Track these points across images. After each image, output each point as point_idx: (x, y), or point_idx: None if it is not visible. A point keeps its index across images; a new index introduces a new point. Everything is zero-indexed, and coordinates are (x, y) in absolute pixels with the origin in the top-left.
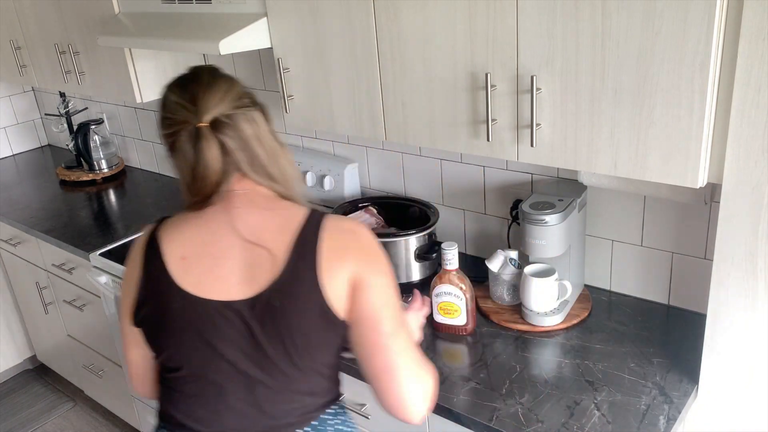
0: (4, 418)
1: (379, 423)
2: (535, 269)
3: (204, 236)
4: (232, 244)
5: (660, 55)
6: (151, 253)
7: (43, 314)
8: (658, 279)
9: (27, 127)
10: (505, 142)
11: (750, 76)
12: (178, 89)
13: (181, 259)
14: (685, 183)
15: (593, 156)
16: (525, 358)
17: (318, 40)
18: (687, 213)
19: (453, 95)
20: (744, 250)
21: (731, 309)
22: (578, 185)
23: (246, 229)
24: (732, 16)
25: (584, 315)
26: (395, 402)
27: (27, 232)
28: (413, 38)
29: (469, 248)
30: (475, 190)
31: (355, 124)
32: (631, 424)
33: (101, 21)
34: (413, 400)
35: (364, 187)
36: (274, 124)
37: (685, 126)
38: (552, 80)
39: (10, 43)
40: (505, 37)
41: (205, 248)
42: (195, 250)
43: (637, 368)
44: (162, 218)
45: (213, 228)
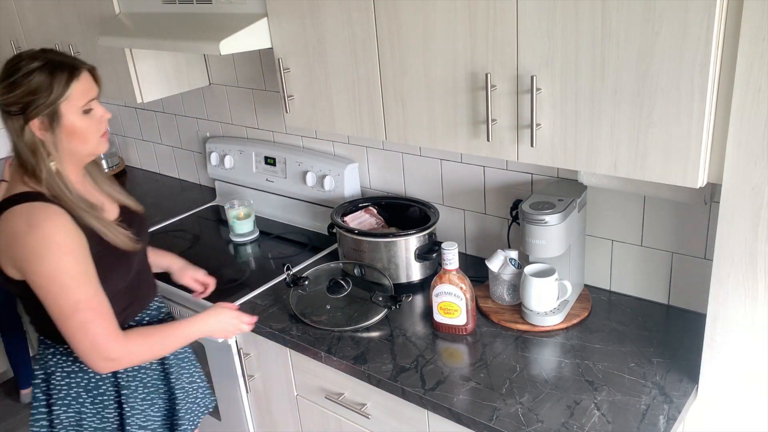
0: (5, 418)
1: (379, 423)
2: (535, 269)
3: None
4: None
5: (660, 55)
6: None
7: None
8: (658, 279)
9: None
10: (505, 142)
11: (750, 76)
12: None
13: None
14: (685, 183)
15: (593, 156)
16: (525, 357)
17: (318, 40)
18: (687, 213)
19: (453, 95)
20: (744, 250)
21: (731, 309)
22: (578, 185)
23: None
24: (732, 16)
25: (584, 315)
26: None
27: None
28: (413, 38)
29: (469, 248)
30: (475, 190)
31: (355, 124)
32: (631, 424)
33: (101, 21)
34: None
35: (364, 187)
36: (60, 124)
37: (685, 126)
38: (552, 80)
39: (11, 43)
40: (505, 37)
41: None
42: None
43: (637, 368)
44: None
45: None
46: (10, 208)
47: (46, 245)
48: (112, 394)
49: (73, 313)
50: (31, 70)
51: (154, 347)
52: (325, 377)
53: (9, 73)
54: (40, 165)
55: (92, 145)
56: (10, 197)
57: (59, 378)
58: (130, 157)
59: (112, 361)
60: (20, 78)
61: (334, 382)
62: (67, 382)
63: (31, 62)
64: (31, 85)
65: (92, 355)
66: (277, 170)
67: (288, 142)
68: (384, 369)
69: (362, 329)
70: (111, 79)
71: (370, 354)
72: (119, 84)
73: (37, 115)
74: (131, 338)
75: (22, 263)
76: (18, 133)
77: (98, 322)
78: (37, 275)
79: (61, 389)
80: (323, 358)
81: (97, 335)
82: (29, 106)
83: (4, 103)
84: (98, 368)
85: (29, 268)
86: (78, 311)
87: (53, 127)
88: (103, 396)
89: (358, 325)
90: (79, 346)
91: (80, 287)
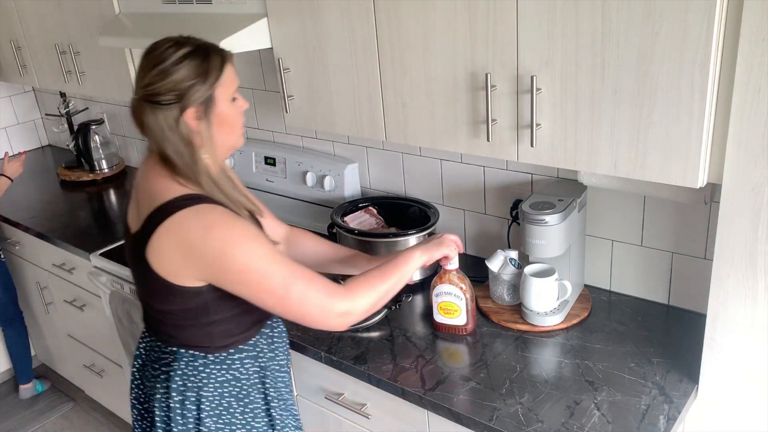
0: (5, 418)
1: (379, 423)
2: (535, 269)
3: (139, 177)
4: (137, 189)
5: (660, 55)
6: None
7: (44, 314)
8: (658, 279)
9: (27, 127)
10: (505, 142)
11: (750, 76)
12: (143, 54)
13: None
14: (685, 183)
15: (593, 156)
16: (525, 358)
17: (318, 40)
18: (687, 213)
19: (453, 95)
20: (744, 250)
21: (731, 309)
22: (578, 185)
23: (141, 183)
24: (732, 16)
25: (584, 315)
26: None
27: (27, 232)
28: (413, 38)
29: (469, 248)
30: (475, 190)
31: (355, 124)
32: (631, 424)
33: (101, 21)
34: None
35: (364, 187)
36: (214, 112)
37: (685, 126)
38: (552, 80)
39: (11, 43)
40: (505, 37)
41: (135, 184)
42: (135, 183)
43: (637, 368)
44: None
45: (140, 173)
46: (175, 213)
47: (231, 241)
48: (261, 403)
49: (286, 292)
50: (183, 55)
51: (380, 288)
52: (325, 377)
53: (156, 62)
54: (195, 158)
55: (236, 136)
56: (169, 201)
57: (212, 389)
58: (130, 157)
59: (347, 315)
60: (171, 65)
61: (334, 382)
62: (219, 392)
63: (179, 48)
64: (187, 71)
65: (326, 318)
66: (277, 170)
67: (288, 142)
68: (384, 369)
69: (362, 329)
70: (111, 79)
71: (370, 354)
72: (119, 84)
73: (195, 102)
74: (352, 288)
75: (209, 268)
76: (172, 125)
77: (313, 286)
78: (233, 272)
79: (213, 399)
80: (323, 358)
81: (320, 298)
82: (186, 93)
83: (156, 92)
84: (338, 326)
85: (221, 268)
86: (290, 286)
87: (207, 115)
88: (252, 404)
89: (358, 325)
90: (311, 317)
91: (279, 264)
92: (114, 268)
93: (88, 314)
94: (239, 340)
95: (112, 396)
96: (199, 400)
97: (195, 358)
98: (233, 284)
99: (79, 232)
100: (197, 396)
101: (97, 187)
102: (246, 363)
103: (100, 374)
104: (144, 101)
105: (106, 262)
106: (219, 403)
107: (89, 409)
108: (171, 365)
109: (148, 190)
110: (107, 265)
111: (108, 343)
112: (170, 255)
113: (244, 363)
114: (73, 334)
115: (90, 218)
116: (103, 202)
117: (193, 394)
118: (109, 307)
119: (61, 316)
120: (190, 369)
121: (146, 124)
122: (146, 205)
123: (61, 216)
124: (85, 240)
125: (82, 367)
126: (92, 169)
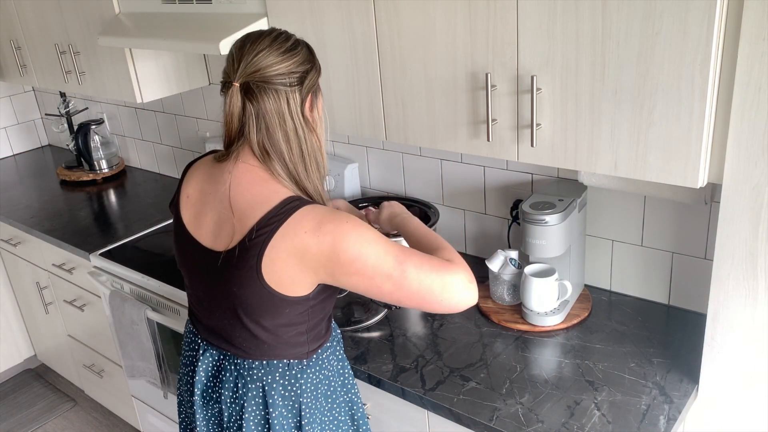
0: (5, 418)
1: (379, 423)
2: (535, 269)
3: (206, 184)
4: (218, 199)
5: (660, 55)
6: (180, 182)
7: (44, 314)
8: (658, 279)
9: (27, 127)
10: (505, 142)
11: (750, 76)
12: (240, 43)
13: (186, 196)
14: (685, 183)
15: (593, 156)
16: (525, 358)
17: (318, 40)
18: (687, 213)
19: (453, 95)
20: (744, 250)
21: (731, 309)
22: (578, 185)
23: (233, 192)
24: (732, 16)
25: (584, 315)
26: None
27: (27, 232)
28: (413, 38)
29: (469, 248)
30: (475, 190)
31: (355, 124)
32: (631, 424)
33: (101, 21)
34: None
35: (364, 187)
36: (320, 110)
37: (685, 126)
38: (552, 80)
39: (10, 43)
40: (505, 37)
41: (202, 195)
42: (196, 192)
43: (637, 368)
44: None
45: (214, 180)
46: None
47: (340, 232)
48: (342, 397)
49: (402, 273)
50: (296, 42)
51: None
52: None
53: (281, 41)
54: (316, 148)
55: (323, 139)
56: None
57: (309, 394)
58: (130, 157)
59: (471, 282)
60: (293, 45)
61: None
62: (314, 395)
63: (289, 36)
64: (303, 56)
65: (450, 292)
66: None
67: None
68: (384, 369)
69: (362, 329)
70: (111, 79)
71: (370, 354)
72: (119, 84)
73: (311, 88)
74: (445, 255)
75: (324, 267)
76: (295, 110)
77: (426, 261)
78: (347, 263)
79: (310, 403)
80: None
81: (436, 270)
82: (306, 77)
83: (285, 72)
84: (467, 298)
85: (337, 262)
86: (404, 264)
87: (317, 106)
88: (338, 399)
89: (358, 325)
90: (433, 296)
91: (387, 245)
92: (114, 268)
93: (88, 314)
94: (325, 339)
95: (112, 396)
96: (299, 408)
97: (290, 367)
98: (348, 276)
99: (79, 232)
100: (297, 404)
101: (97, 187)
102: (331, 359)
103: (100, 374)
104: (264, 84)
105: (106, 262)
106: (315, 406)
107: (89, 409)
108: (264, 379)
109: (249, 194)
110: (107, 265)
111: (108, 343)
112: (286, 264)
113: (330, 360)
114: (73, 334)
115: (90, 218)
116: (103, 202)
117: (291, 403)
118: (109, 307)
119: (61, 316)
120: (286, 378)
121: (265, 109)
122: (246, 215)
123: (61, 216)
124: (85, 240)
125: (82, 367)
126: (92, 169)
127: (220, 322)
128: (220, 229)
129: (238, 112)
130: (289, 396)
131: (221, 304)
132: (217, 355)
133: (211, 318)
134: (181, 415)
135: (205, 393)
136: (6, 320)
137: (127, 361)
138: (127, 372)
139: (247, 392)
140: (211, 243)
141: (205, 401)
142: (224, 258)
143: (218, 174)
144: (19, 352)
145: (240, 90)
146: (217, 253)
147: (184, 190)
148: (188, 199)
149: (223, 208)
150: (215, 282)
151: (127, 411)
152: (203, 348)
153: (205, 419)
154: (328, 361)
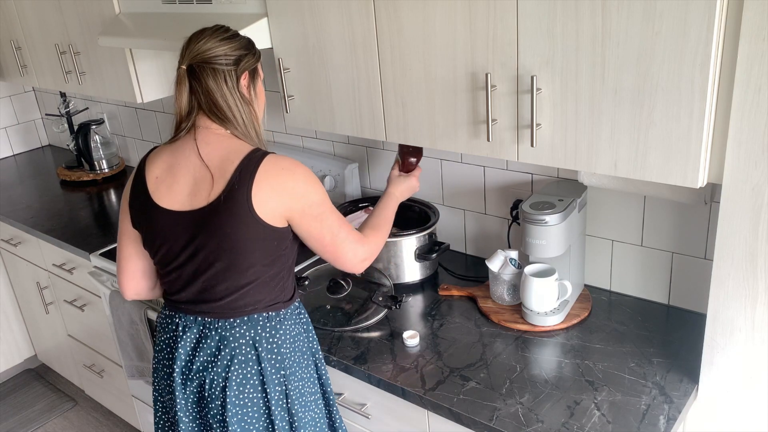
0: (5, 418)
1: (379, 423)
2: (535, 269)
3: (171, 159)
4: (189, 165)
5: (660, 55)
6: (139, 174)
7: (44, 314)
8: (658, 279)
9: (27, 127)
10: (505, 142)
11: (750, 76)
12: (188, 37)
13: (155, 177)
14: (685, 183)
15: (593, 156)
16: (525, 357)
17: (318, 40)
18: (687, 213)
19: (453, 95)
20: (744, 250)
21: (731, 309)
22: (578, 185)
23: (202, 153)
24: (732, 16)
25: (584, 315)
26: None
27: (27, 232)
28: (413, 38)
29: (469, 248)
30: (475, 190)
31: (355, 124)
32: (631, 424)
33: (102, 21)
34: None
35: (364, 187)
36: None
37: (685, 126)
38: (552, 80)
39: (11, 43)
40: (505, 37)
41: (170, 169)
42: (163, 171)
43: (637, 368)
44: (153, 148)
45: (178, 154)
46: (261, 162)
47: (309, 177)
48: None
49: (339, 231)
50: (236, 33)
51: (383, 232)
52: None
53: (221, 32)
54: (254, 116)
55: (262, 113)
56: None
57: (290, 348)
58: (130, 157)
59: (367, 261)
60: (232, 35)
61: (334, 382)
62: (293, 347)
63: (229, 29)
64: (240, 43)
65: (354, 261)
66: None
67: (288, 142)
68: (384, 369)
69: (362, 329)
70: (111, 79)
71: (370, 354)
72: (119, 84)
73: (246, 69)
74: (369, 236)
75: (297, 202)
76: (232, 86)
77: (351, 231)
78: (314, 204)
79: (293, 356)
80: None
81: (354, 244)
82: (241, 60)
83: (221, 54)
84: (359, 270)
85: (307, 201)
86: (340, 228)
87: (254, 85)
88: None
89: (358, 325)
90: (345, 259)
91: (334, 208)
92: (114, 268)
93: (88, 314)
94: (296, 293)
95: (113, 396)
96: (283, 360)
97: (270, 319)
98: (310, 218)
99: (79, 232)
100: (280, 356)
101: (97, 187)
102: (301, 314)
103: (100, 374)
104: (204, 64)
105: (106, 262)
106: (293, 358)
107: (89, 409)
108: (248, 334)
109: (217, 153)
110: (107, 265)
111: (108, 343)
112: (269, 197)
113: (299, 316)
114: (73, 334)
115: (90, 218)
116: (103, 202)
117: (274, 356)
118: (109, 307)
119: (61, 316)
120: (267, 330)
121: (206, 85)
122: (223, 167)
123: (61, 216)
124: (85, 240)
125: (82, 367)
126: (92, 169)
127: (204, 283)
128: (197, 189)
129: (186, 91)
130: (272, 349)
131: (208, 257)
132: (199, 326)
133: (191, 286)
134: (158, 414)
135: (185, 369)
136: (6, 320)
137: (127, 361)
138: (127, 372)
139: (230, 351)
140: (189, 204)
141: (184, 378)
142: (210, 208)
143: (181, 148)
144: (19, 352)
145: (186, 72)
146: (197, 210)
147: (150, 175)
148: (157, 179)
149: (196, 170)
150: (200, 233)
151: (127, 411)
152: (182, 325)
153: (184, 398)
154: (300, 315)
